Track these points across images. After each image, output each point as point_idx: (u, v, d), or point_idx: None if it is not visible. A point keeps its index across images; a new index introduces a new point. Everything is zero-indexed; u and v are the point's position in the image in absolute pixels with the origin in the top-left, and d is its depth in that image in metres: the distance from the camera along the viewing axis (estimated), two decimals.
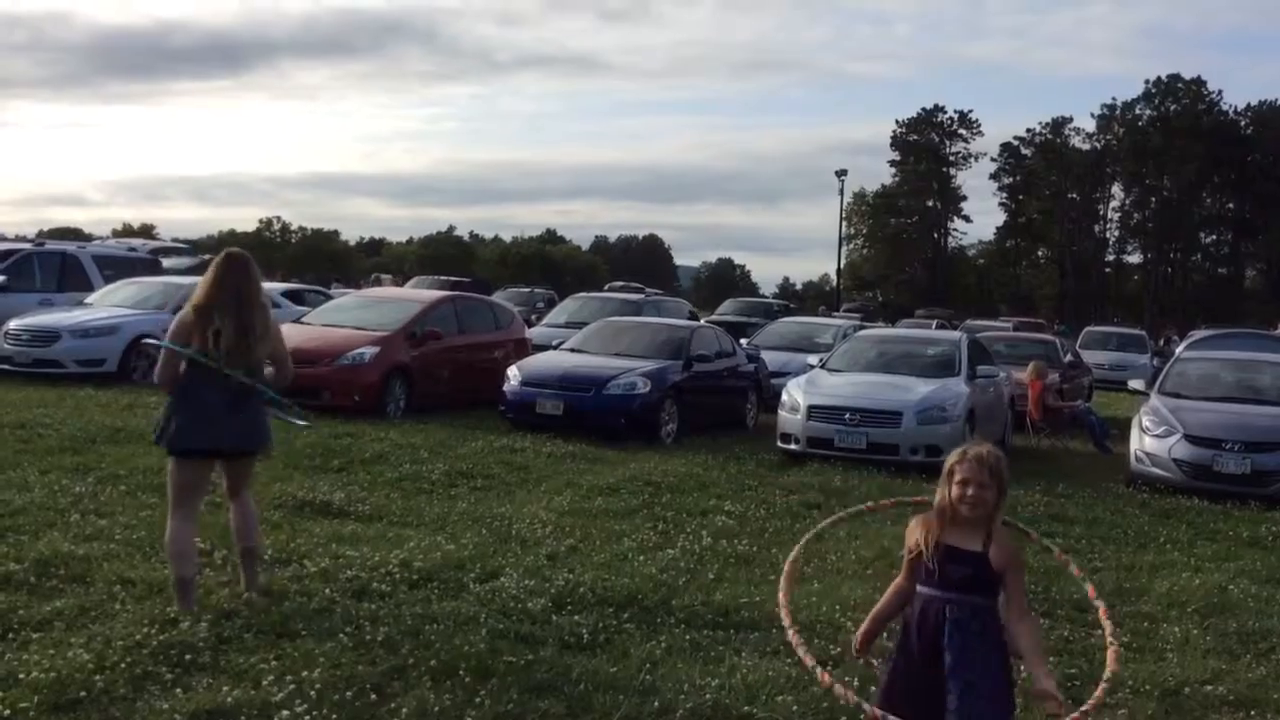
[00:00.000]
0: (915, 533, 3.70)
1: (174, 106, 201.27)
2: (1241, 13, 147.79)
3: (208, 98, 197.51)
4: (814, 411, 12.16)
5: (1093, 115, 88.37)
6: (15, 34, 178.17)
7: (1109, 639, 3.71)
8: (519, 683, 4.85)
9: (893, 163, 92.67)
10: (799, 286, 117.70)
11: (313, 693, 4.53)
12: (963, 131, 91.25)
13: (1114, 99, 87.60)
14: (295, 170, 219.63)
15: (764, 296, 63.85)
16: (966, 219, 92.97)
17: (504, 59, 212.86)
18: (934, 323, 33.91)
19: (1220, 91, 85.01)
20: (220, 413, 5.54)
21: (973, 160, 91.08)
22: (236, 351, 5.52)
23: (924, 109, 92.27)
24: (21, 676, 4.48)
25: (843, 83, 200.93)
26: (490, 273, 74.66)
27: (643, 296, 25.74)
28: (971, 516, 3.62)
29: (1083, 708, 3.48)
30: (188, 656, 4.84)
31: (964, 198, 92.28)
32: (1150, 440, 11.63)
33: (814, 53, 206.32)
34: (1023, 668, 3.78)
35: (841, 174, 55.37)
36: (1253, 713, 5.20)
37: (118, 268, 18.18)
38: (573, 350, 14.65)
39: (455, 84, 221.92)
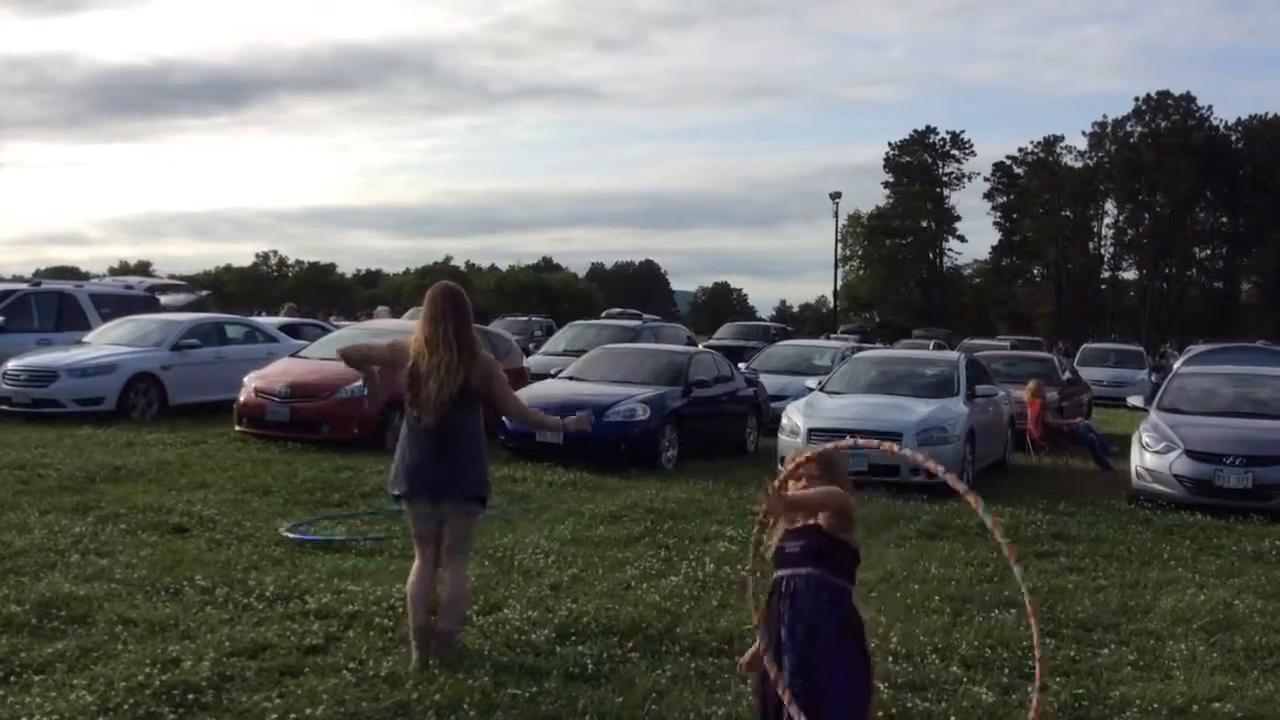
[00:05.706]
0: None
1: (174, 143, 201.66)
2: (1230, 30, 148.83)
3: (207, 134, 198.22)
4: (814, 434, 12.13)
5: (1084, 133, 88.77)
6: (16, 75, 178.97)
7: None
8: (524, 716, 4.83)
9: (886, 184, 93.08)
10: (796, 309, 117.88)
11: None
12: (955, 152, 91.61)
13: (1105, 117, 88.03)
14: (295, 204, 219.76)
15: (761, 320, 63.87)
16: (961, 239, 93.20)
17: (502, 90, 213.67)
18: (931, 343, 33.90)
19: (1210, 107, 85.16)
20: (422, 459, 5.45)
21: (966, 180, 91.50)
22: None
23: (916, 130, 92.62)
24: None
25: (838, 107, 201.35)
26: (487, 302, 74.41)
27: (640, 323, 25.71)
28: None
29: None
30: (190, 696, 4.82)
31: (958, 217, 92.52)
32: (1151, 456, 11.61)
33: (810, 78, 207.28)
34: None
35: (836, 196, 55.54)
36: None
37: (115, 306, 18.17)
38: (571, 378, 14.66)
39: (454, 116, 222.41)
